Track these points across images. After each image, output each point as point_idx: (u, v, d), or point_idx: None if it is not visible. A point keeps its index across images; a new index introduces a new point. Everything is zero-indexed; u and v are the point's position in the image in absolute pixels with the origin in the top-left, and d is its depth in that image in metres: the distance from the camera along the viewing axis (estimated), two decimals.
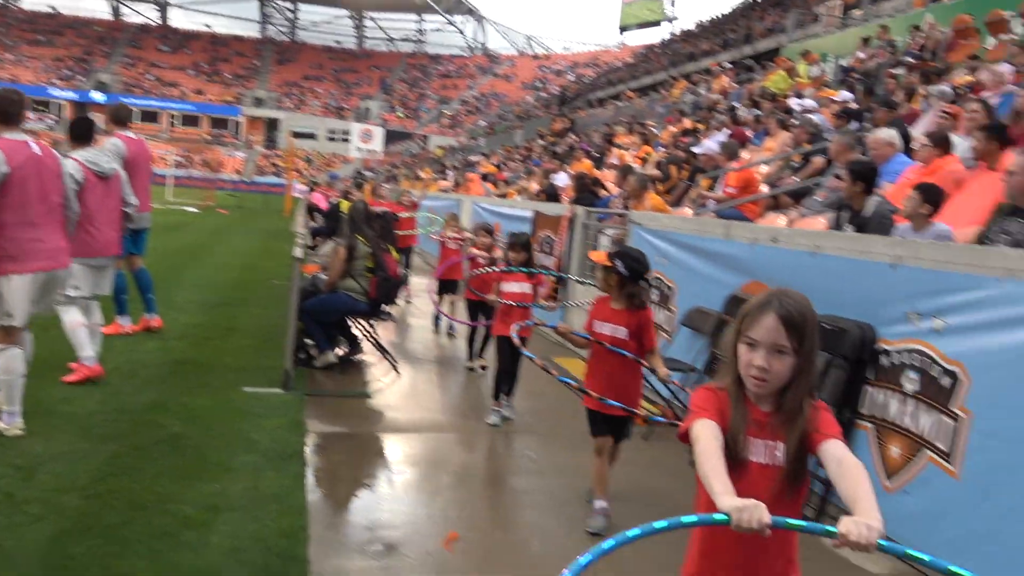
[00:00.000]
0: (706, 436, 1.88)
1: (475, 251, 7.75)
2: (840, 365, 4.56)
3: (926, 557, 1.58)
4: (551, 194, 13.59)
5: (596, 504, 4.30)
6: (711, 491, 1.73)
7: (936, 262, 4.08)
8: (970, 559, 3.59)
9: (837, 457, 1.86)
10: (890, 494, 4.12)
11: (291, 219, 26.16)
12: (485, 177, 18.26)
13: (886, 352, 4.34)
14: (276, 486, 4.40)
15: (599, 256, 4.47)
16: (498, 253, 7.63)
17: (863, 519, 1.62)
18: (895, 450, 4.16)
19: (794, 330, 1.93)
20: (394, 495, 4.63)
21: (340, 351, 7.52)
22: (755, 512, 1.62)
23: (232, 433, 5.19)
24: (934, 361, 3.97)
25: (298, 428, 5.45)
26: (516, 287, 6.02)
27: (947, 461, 3.82)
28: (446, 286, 9.31)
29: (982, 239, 4.77)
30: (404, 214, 12.19)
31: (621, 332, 4.26)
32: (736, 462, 1.93)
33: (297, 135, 57.33)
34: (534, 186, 14.56)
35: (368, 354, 7.84)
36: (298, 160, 53.29)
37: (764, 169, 10.15)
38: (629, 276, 4.26)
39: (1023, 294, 3.55)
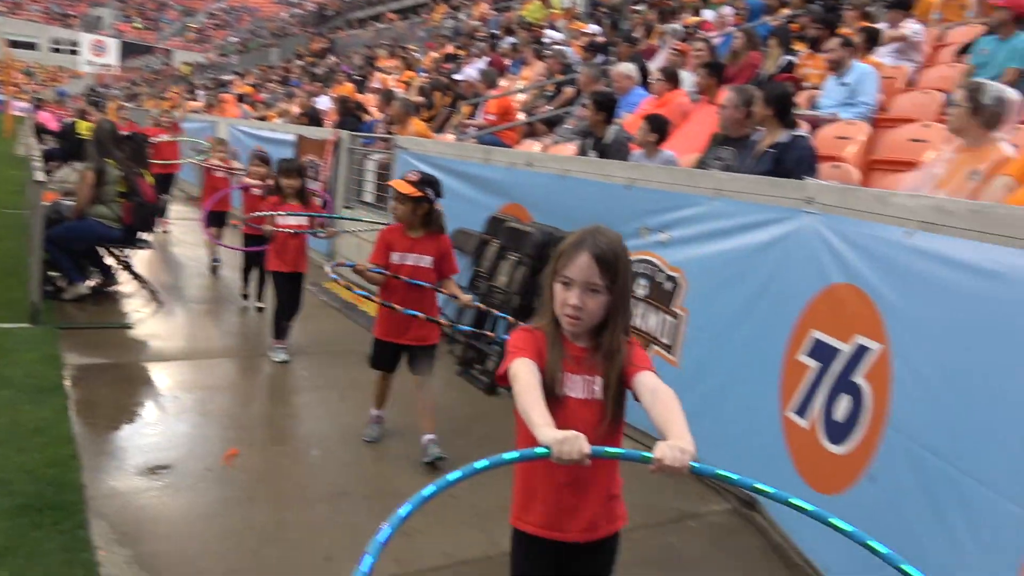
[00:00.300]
0: (524, 373, 1.89)
1: (250, 181, 7.28)
2: None
3: (734, 476, 1.64)
4: (313, 117, 13.35)
5: (371, 413, 4.53)
6: (531, 424, 1.73)
7: (662, 183, 4.71)
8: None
9: (651, 387, 1.90)
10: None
11: (12, 140, 23.37)
12: (241, 98, 17.41)
13: None
14: (37, 419, 4.25)
15: (404, 186, 4.17)
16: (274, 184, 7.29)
17: (676, 443, 1.65)
18: None
19: (607, 268, 1.94)
20: (167, 419, 4.64)
21: (92, 282, 7.12)
22: (575, 443, 1.62)
23: None
24: (660, 269, 4.63)
25: (54, 361, 5.21)
26: (292, 219, 5.75)
27: (669, 352, 4.52)
28: (213, 218, 8.51)
29: (701, 164, 5.52)
30: (164, 137, 11.09)
31: (426, 261, 4.20)
32: (555, 399, 1.94)
33: (14, 44, 50.44)
34: (295, 109, 14.18)
35: (124, 284, 7.49)
36: (16, 73, 47.11)
37: (521, 97, 10.67)
38: (434, 202, 4.20)
39: (728, 210, 4.23)
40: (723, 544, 3.74)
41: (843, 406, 3.33)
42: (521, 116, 9.91)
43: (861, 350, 3.20)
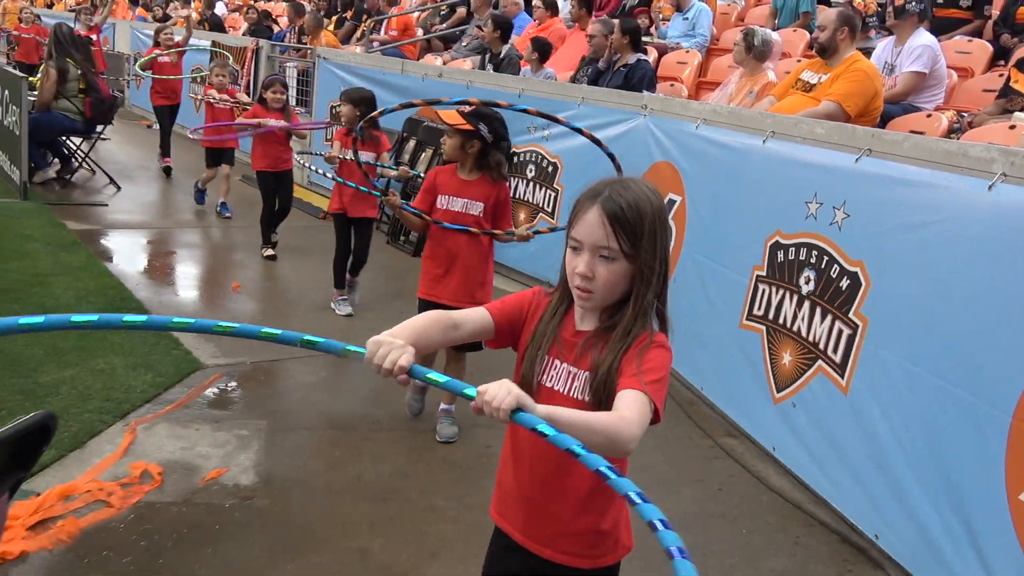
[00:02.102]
0: (454, 313, 1.63)
1: (272, 123, 6.13)
2: None
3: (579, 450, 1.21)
4: (215, 24, 14.11)
5: (441, 406, 3.81)
6: None
7: (545, 93, 6.38)
8: None
9: (617, 404, 1.46)
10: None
11: None
12: (135, 1, 17.57)
13: (517, 154, 6.64)
14: (77, 262, 5.61)
15: (452, 115, 3.62)
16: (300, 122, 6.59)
17: (509, 384, 1.31)
18: (522, 216, 6.56)
19: (623, 229, 1.53)
20: (171, 261, 6.04)
21: (54, 168, 8.18)
22: (394, 352, 1.35)
23: (5, 231, 6.10)
24: (544, 156, 6.34)
25: (60, 226, 6.47)
26: (363, 157, 4.99)
27: (552, 218, 6.28)
28: (215, 156, 7.65)
29: (573, 79, 7.22)
30: (164, 56, 8.86)
31: (476, 208, 3.64)
32: (526, 383, 1.62)
33: None
34: (195, 15, 14.79)
35: (85, 172, 8.56)
36: None
37: (416, 15, 11.97)
38: (493, 142, 3.64)
39: (591, 113, 5.94)
40: None
41: None
42: (419, 32, 11.25)
43: (671, 202, 5.04)
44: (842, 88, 4.98)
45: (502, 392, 1.29)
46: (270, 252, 6.35)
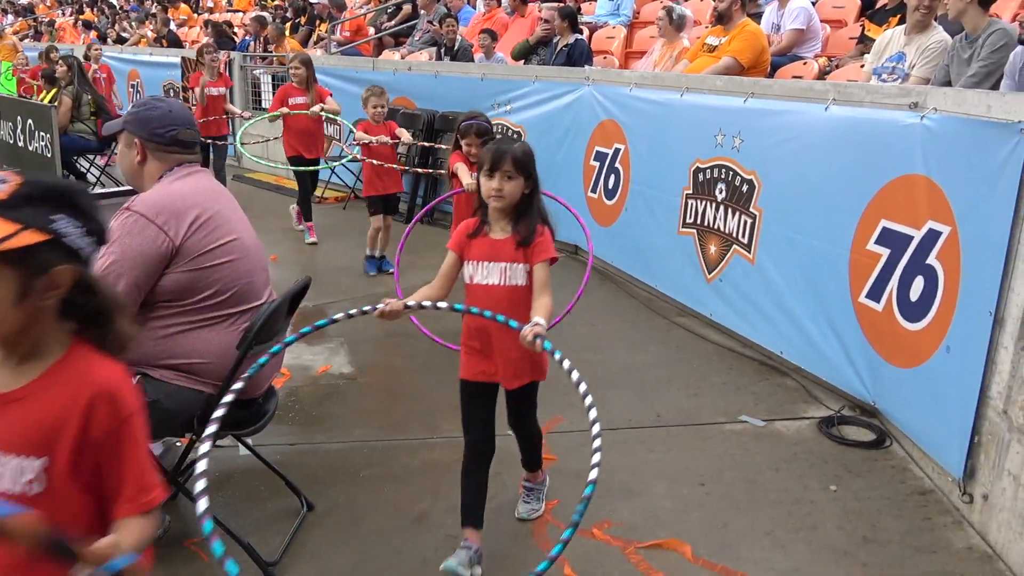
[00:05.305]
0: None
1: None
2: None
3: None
4: (173, 41, 15.07)
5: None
6: None
7: (503, 75, 7.72)
8: None
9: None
10: None
11: None
12: (88, 25, 18.20)
13: None
14: None
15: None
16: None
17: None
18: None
19: None
20: None
21: None
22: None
23: None
24: (508, 126, 7.69)
25: None
26: None
27: None
28: (379, 203, 6.51)
29: (525, 59, 8.57)
30: (300, 98, 7.50)
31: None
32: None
33: None
34: (150, 34, 15.68)
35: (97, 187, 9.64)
36: None
37: (367, 15, 13.16)
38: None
39: (544, 88, 7.29)
40: None
41: (611, 181, 6.59)
42: (371, 31, 12.46)
43: (617, 150, 6.45)
44: (736, 46, 6.43)
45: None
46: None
